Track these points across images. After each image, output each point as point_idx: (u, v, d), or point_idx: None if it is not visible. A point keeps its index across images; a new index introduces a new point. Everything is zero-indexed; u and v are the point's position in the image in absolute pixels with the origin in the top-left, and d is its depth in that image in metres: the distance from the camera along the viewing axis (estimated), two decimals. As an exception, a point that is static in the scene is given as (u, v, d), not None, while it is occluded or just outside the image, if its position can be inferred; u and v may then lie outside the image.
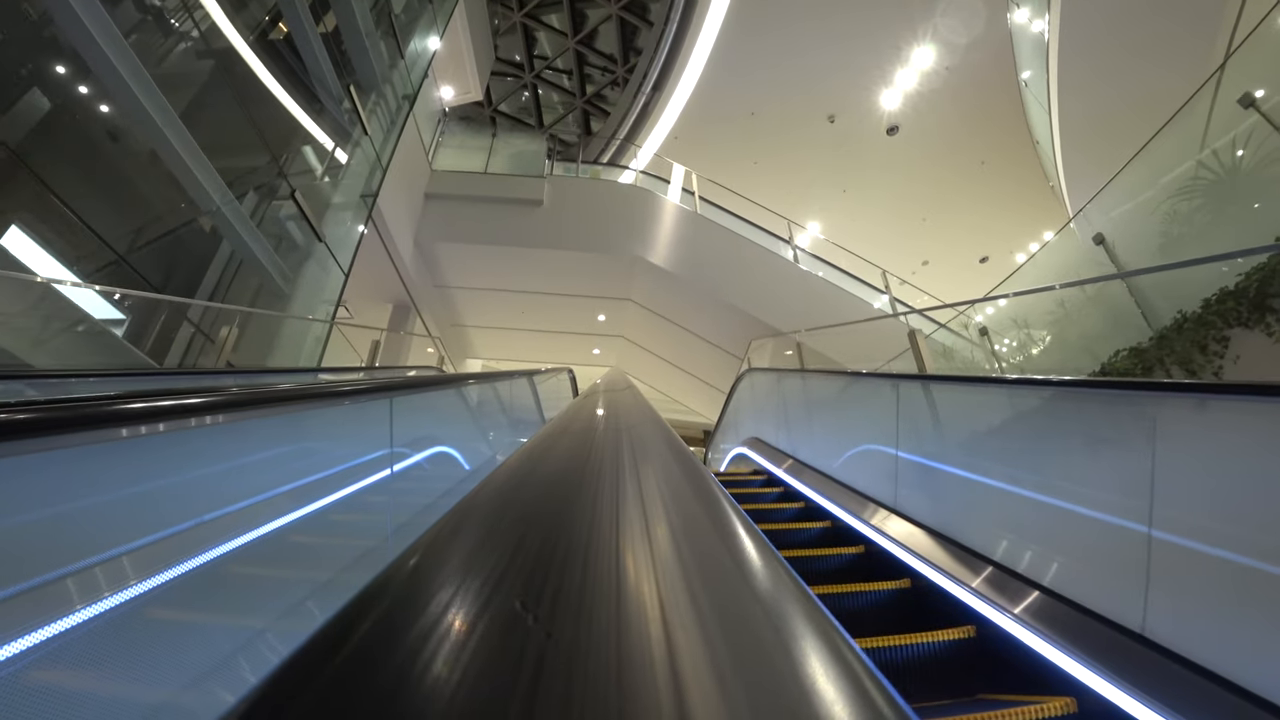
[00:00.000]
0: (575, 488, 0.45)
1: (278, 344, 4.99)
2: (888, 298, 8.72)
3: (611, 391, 1.56)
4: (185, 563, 1.04)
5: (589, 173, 9.50)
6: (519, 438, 4.67)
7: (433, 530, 0.32)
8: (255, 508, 1.31)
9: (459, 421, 3.52)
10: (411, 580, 0.26)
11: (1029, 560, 1.71)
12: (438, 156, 8.92)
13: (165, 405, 0.93)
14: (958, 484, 2.14)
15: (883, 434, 2.68)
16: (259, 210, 5.23)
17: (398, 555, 0.27)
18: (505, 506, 0.40)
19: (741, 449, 5.18)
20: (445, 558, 0.29)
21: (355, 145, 6.43)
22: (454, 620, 0.22)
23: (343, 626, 0.21)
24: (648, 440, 0.68)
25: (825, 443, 3.45)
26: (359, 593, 0.23)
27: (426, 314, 8.59)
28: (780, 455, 4.18)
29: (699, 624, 0.23)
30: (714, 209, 8.92)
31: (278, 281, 5.08)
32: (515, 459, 0.54)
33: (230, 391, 1.15)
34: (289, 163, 5.47)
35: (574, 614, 0.23)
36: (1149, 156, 5.57)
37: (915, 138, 12.79)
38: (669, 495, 0.46)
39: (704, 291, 7.95)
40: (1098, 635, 1.37)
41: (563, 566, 0.28)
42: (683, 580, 0.29)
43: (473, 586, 0.25)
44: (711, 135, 12.18)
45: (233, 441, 1.28)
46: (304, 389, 1.44)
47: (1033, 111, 10.37)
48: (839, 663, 0.21)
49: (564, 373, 5.47)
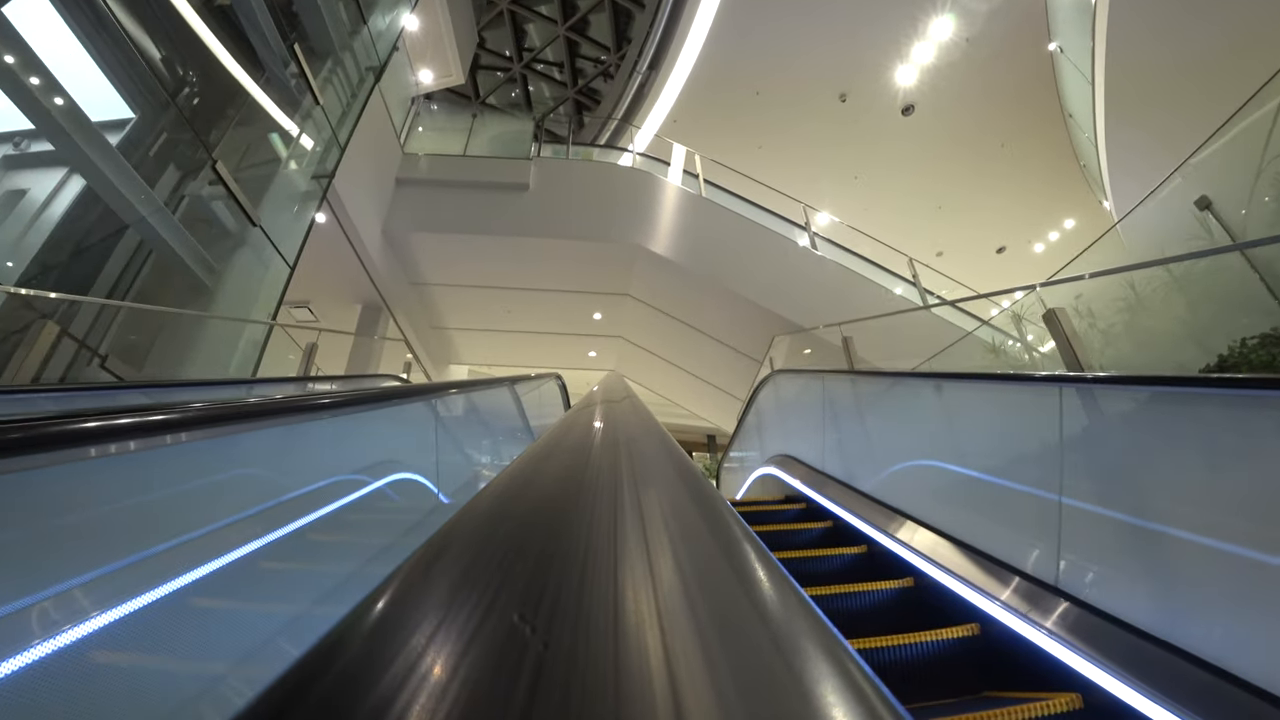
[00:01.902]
0: (563, 536, 0.34)
1: (197, 350, 4.06)
2: (916, 289, 7.80)
3: (609, 403, 1.14)
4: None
5: (581, 155, 8.58)
6: (499, 459, 3.75)
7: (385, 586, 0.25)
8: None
9: (413, 446, 2.67)
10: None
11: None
12: (412, 140, 7.99)
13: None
14: (1205, 557, 1.22)
15: (1028, 466, 1.75)
16: (181, 187, 4.30)
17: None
18: (477, 551, 0.31)
19: (769, 470, 4.25)
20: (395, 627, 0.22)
21: (305, 117, 5.50)
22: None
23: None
24: (658, 479, 0.51)
25: (917, 473, 2.52)
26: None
27: (401, 315, 7.66)
28: (825, 480, 3.25)
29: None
30: (720, 192, 8.01)
31: (198, 274, 4.15)
32: (488, 495, 0.42)
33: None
34: (214, 130, 4.54)
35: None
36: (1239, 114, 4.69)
37: (932, 118, 11.90)
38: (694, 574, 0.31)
39: (711, 283, 7.03)
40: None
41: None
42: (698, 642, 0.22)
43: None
44: (713, 118, 11.27)
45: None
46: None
47: (1067, 82, 9.49)
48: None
49: (550, 380, 4.52)
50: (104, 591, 0.93)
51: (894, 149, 12.43)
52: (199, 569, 1.14)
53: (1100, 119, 8.20)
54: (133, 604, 0.96)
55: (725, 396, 9.31)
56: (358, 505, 2.04)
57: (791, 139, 11.98)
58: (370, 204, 6.69)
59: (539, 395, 4.37)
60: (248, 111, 4.94)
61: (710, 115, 11.21)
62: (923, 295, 7.76)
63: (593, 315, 8.54)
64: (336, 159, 5.89)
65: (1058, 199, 13.94)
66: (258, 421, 1.37)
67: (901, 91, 11.32)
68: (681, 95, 10.91)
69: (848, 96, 11.33)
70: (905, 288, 7.97)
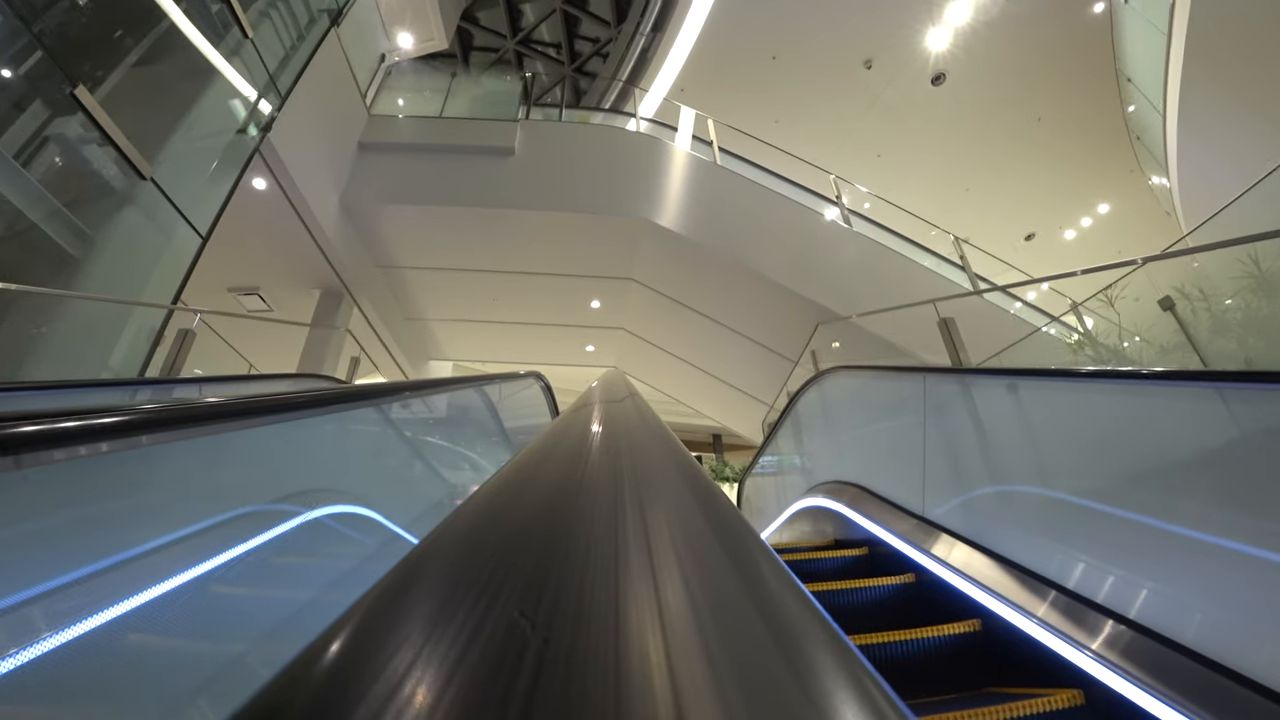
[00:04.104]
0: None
1: (52, 341, 3.00)
2: (966, 273, 6.74)
3: (610, 420, 0.77)
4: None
5: (577, 119, 7.50)
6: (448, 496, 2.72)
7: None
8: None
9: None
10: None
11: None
12: (381, 101, 6.91)
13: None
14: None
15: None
16: (47, 130, 3.24)
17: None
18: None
19: (818, 500, 3.19)
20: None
21: (231, 53, 4.42)
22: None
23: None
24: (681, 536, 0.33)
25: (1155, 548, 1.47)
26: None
27: (366, 303, 6.59)
28: (933, 532, 2.19)
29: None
30: (737, 161, 6.93)
31: (57, 240, 3.09)
32: (430, 545, 0.30)
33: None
34: (93, 60, 3.47)
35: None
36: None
37: (964, 88, 10.81)
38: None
39: (727, 263, 5.97)
40: None
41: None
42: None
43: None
44: (724, 87, 10.15)
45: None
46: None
47: (1129, 39, 8.38)
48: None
49: (532, 382, 3.45)
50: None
51: (921, 123, 11.33)
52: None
53: (1175, 76, 7.11)
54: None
55: (736, 394, 8.26)
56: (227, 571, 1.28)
57: (810, 112, 10.87)
58: (324, 169, 5.62)
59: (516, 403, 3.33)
60: (147, 41, 3.86)
61: (722, 84, 10.09)
62: (973, 280, 6.69)
63: (590, 303, 7.47)
64: (277, 109, 4.82)
65: (1093, 181, 12.89)
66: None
67: (932, 57, 10.22)
68: (689, 60, 9.81)
69: (873, 63, 10.23)
70: (948, 269, 6.91)
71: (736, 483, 12.20)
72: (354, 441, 2.25)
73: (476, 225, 6.16)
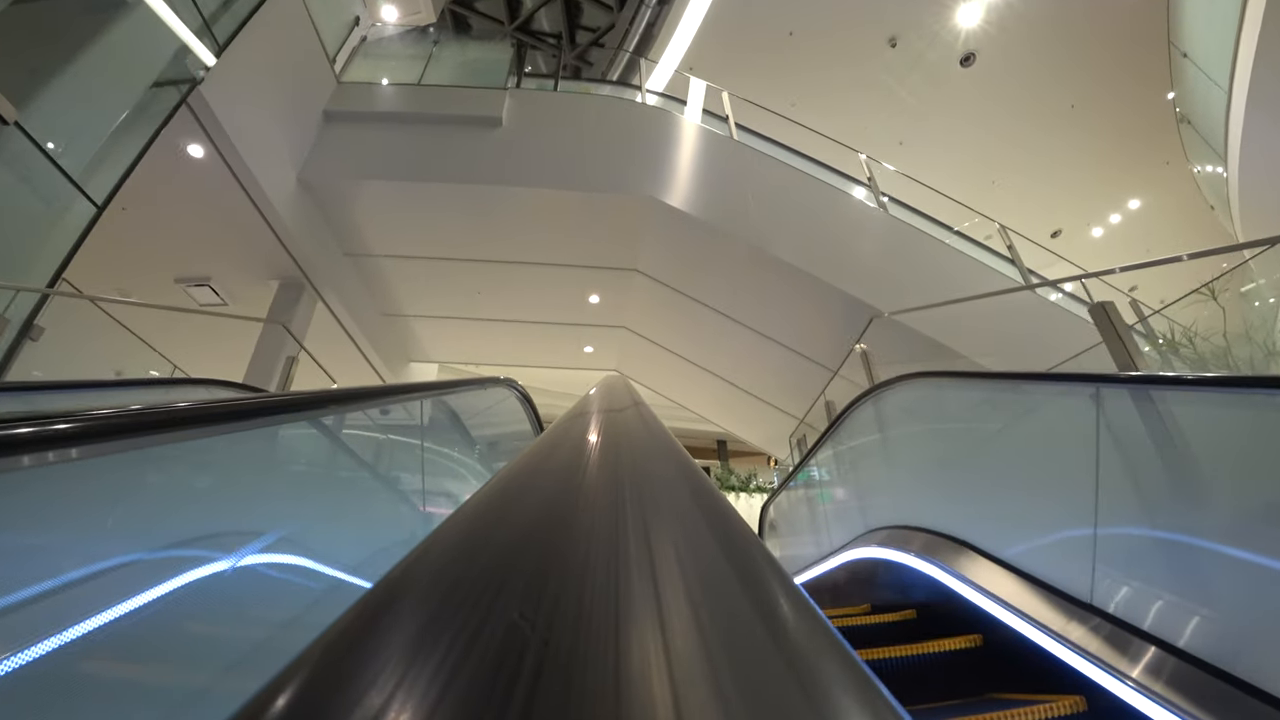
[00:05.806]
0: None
1: None
2: (1017, 266, 5.92)
3: (610, 430, 0.61)
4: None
5: (576, 89, 6.71)
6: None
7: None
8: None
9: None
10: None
11: None
12: (353, 68, 6.12)
13: None
14: None
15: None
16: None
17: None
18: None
19: (878, 551, 2.36)
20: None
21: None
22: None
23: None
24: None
25: None
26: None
27: (334, 296, 5.78)
28: (1109, 633, 1.37)
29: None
30: (754, 138, 6.12)
31: None
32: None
33: None
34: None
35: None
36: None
37: (995, 70, 10.00)
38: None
39: (745, 250, 5.16)
40: None
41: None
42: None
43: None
44: (736, 67, 9.34)
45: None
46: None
47: (1189, 8, 7.57)
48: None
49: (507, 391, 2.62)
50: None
51: (948, 108, 10.52)
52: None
53: (1248, 45, 6.29)
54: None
55: (753, 401, 7.43)
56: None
57: (829, 95, 10.07)
58: (279, 138, 4.82)
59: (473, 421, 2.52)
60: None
61: (733, 63, 9.28)
62: (1024, 274, 5.87)
63: (589, 298, 6.65)
64: (211, 60, 4.02)
65: (1126, 174, 12.08)
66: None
67: (962, 35, 9.41)
68: (698, 36, 9.02)
69: (899, 41, 9.42)
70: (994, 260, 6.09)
71: (742, 491, 11.35)
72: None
73: (459, 206, 5.36)
